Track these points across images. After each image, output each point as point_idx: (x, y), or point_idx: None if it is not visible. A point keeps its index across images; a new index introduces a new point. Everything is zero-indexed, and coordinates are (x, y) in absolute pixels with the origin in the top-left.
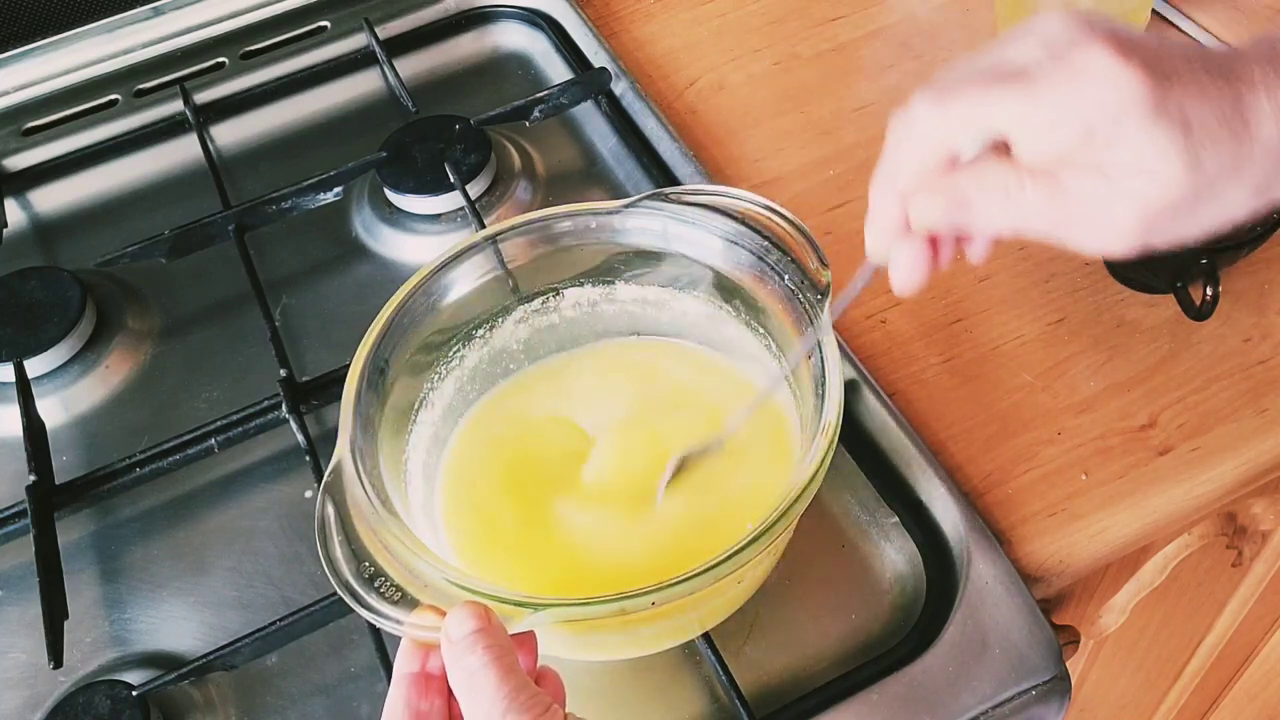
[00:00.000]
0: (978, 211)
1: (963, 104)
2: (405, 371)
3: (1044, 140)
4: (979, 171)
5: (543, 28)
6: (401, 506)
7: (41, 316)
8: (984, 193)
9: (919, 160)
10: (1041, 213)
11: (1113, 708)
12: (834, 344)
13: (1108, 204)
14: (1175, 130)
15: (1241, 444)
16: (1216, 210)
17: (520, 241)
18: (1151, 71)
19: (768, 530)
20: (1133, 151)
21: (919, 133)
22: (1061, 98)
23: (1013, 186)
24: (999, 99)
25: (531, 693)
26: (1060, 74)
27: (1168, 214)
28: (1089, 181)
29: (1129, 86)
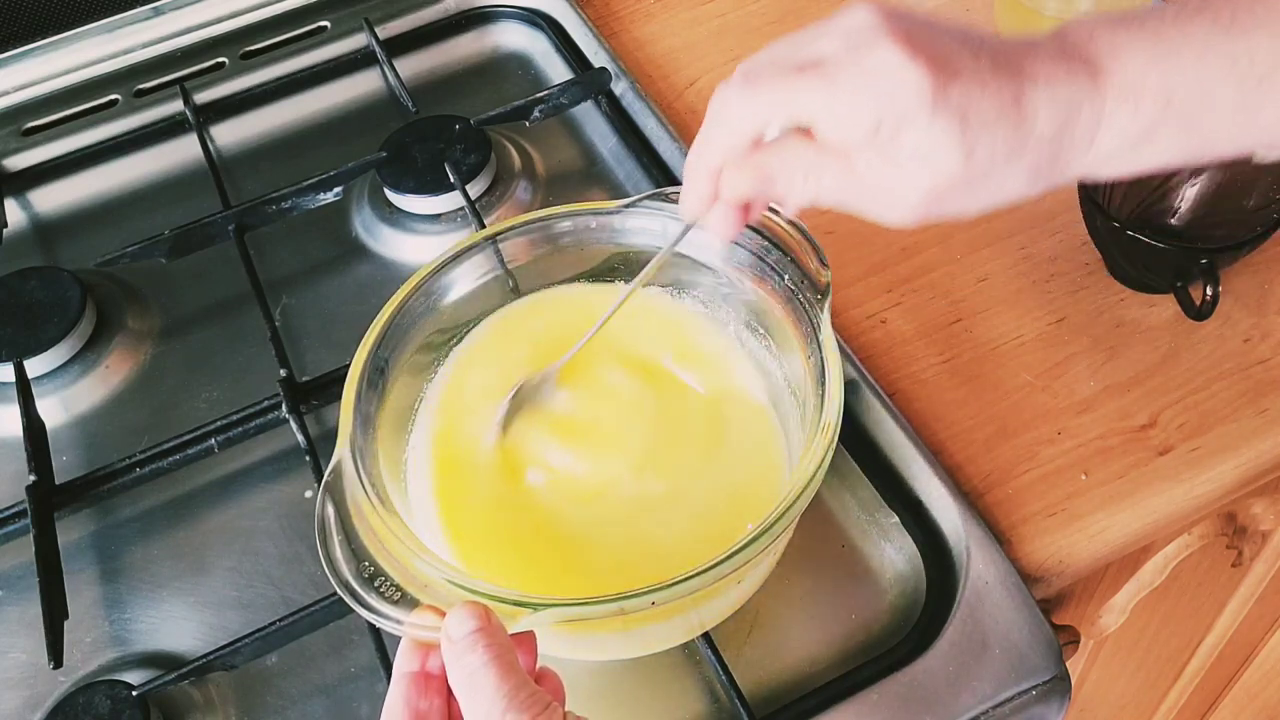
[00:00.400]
0: (780, 187)
1: (768, 92)
2: (405, 371)
3: (839, 129)
4: (782, 151)
5: (543, 28)
6: (401, 506)
7: (41, 316)
8: (786, 171)
9: (729, 140)
10: (837, 189)
11: (1113, 708)
12: (834, 345)
13: (894, 185)
14: (953, 123)
15: (1241, 444)
16: (993, 191)
17: (520, 241)
18: (936, 69)
19: (767, 530)
20: (915, 142)
21: (730, 115)
22: (854, 92)
23: (811, 166)
24: (801, 90)
25: (530, 691)
26: (854, 70)
27: (946, 194)
28: (878, 165)
29: (913, 83)
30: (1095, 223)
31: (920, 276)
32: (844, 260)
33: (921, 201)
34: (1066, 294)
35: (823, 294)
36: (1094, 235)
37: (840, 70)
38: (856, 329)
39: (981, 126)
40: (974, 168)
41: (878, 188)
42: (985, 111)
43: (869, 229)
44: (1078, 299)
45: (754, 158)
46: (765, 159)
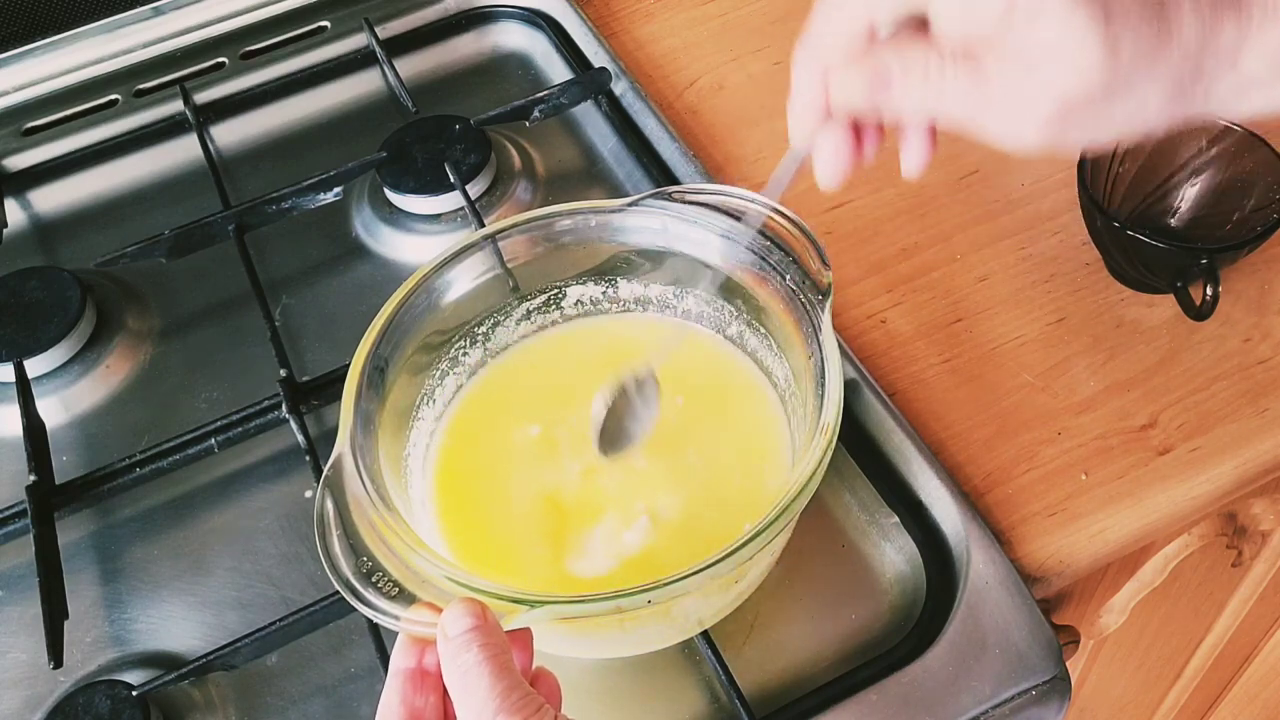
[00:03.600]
0: (896, 91)
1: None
2: (406, 370)
3: (965, 16)
4: (900, 50)
5: (543, 28)
6: (402, 503)
7: (41, 316)
8: (905, 72)
9: (841, 34)
10: (960, 96)
11: (1113, 708)
12: (834, 345)
13: (1024, 91)
14: (1096, 15)
15: (1241, 444)
16: (1131, 109)
17: (520, 240)
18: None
19: (765, 529)
20: (1052, 33)
21: (842, 6)
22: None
23: (933, 67)
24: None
25: (524, 693)
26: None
27: (1084, 104)
28: (1008, 66)
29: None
30: (1095, 223)
31: (920, 276)
32: (844, 260)
33: (1055, 113)
34: (1066, 294)
35: (824, 294)
36: (1094, 235)
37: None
38: (856, 329)
39: (1125, 20)
40: (1116, 70)
41: (1006, 96)
42: (1129, 8)
43: (869, 229)
44: (1078, 299)
45: (868, 56)
46: (882, 58)
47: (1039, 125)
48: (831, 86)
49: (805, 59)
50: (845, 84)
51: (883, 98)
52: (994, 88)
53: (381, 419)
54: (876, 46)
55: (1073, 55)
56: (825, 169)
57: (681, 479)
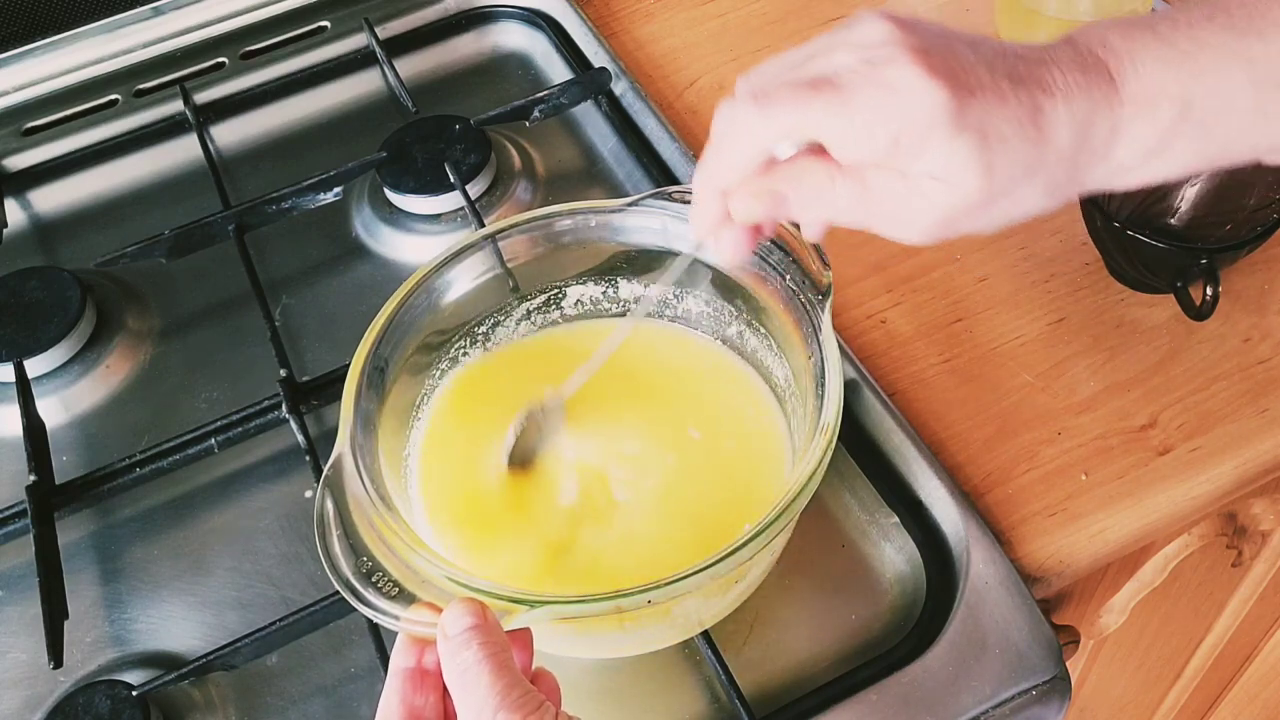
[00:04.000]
0: (793, 208)
1: (781, 111)
2: (406, 370)
3: (855, 149)
4: (795, 172)
5: (543, 28)
6: (401, 503)
7: (41, 316)
8: (799, 193)
9: (739, 160)
10: (850, 209)
11: (1113, 708)
12: (834, 345)
13: (909, 204)
14: (973, 142)
15: (1241, 444)
16: (1009, 209)
17: (520, 240)
18: (955, 86)
19: (765, 529)
20: (934, 161)
21: (741, 136)
22: (872, 111)
23: (824, 187)
24: (815, 108)
25: (524, 691)
26: (870, 87)
27: (963, 214)
28: (893, 183)
29: (933, 102)
30: (1095, 223)
31: (920, 276)
32: (844, 260)
33: (939, 221)
34: (1066, 294)
35: (824, 294)
36: (1094, 235)
37: (856, 87)
38: (856, 329)
39: (1001, 144)
40: (994, 186)
41: (894, 207)
42: (1005, 128)
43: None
44: (1078, 299)
45: (766, 179)
46: (777, 180)
47: (925, 229)
48: (732, 207)
49: (704, 183)
50: (746, 205)
51: (780, 215)
52: (882, 202)
53: (381, 419)
54: (772, 170)
55: (952, 179)
56: (727, 256)
57: (682, 479)
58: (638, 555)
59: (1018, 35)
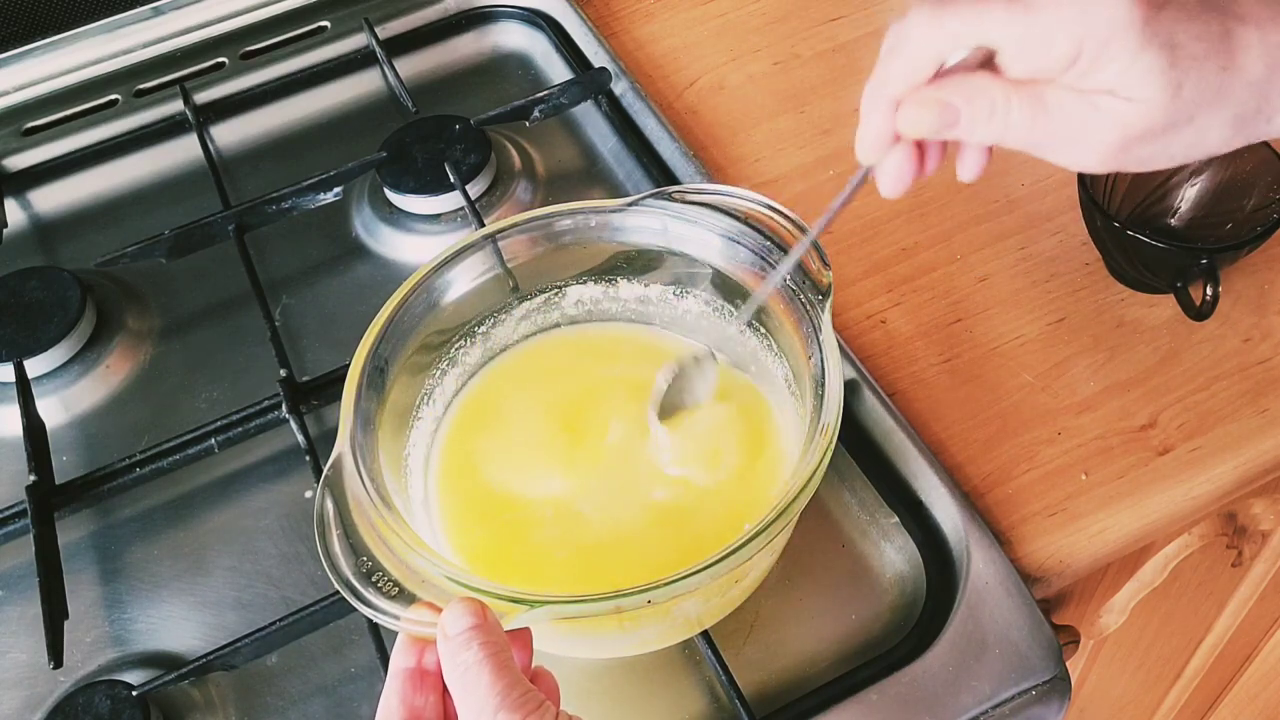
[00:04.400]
0: (963, 126)
1: (957, 19)
2: (406, 370)
3: (1034, 58)
4: (967, 86)
5: (543, 28)
6: (401, 503)
7: (41, 316)
8: (971, 108)
9: (910, 71)
10: (1024, 129)
11: (1113, 708)
12: (834, 345)
13: (1088, 124)
14: (1161, 55)
15: (1241, 444)
16: (1193, 139)
17: (520, 240)
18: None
19: (765, 529)
20: (1118, 74)
21: (913, 44)
22: (1054, 17)
23: (999, 103)
24: (993, 16)
25: (524, 690)
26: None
27: (1145, 138)
28: (1072, 101)
29: (1120, 9)
30: (1095, 223)
31: (920, 276)
32: (844, 260)
33: (1116, 145)
34: (1066, 294)
35: (824, 294)
36: (1094, 235)
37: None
38: (856, 329)
39: (1190, 61)
40: (1179, 109)
41: (1069, 128)
42: (1194, 45)
43: (869, 229)
44: (1078, 299)
45: (936, 89)
46: (949, 91)
47: (1100, 155)
48: (900, 118)
49: (874, 90)
50: (914, 118)
51: (949, 131)
52: (1057, 121)
53: (381, 419)
54: (942, 79)
55: (1137, 94)
56: (888, 182)
57: (681, 479)
58: (638, 555)
59: None
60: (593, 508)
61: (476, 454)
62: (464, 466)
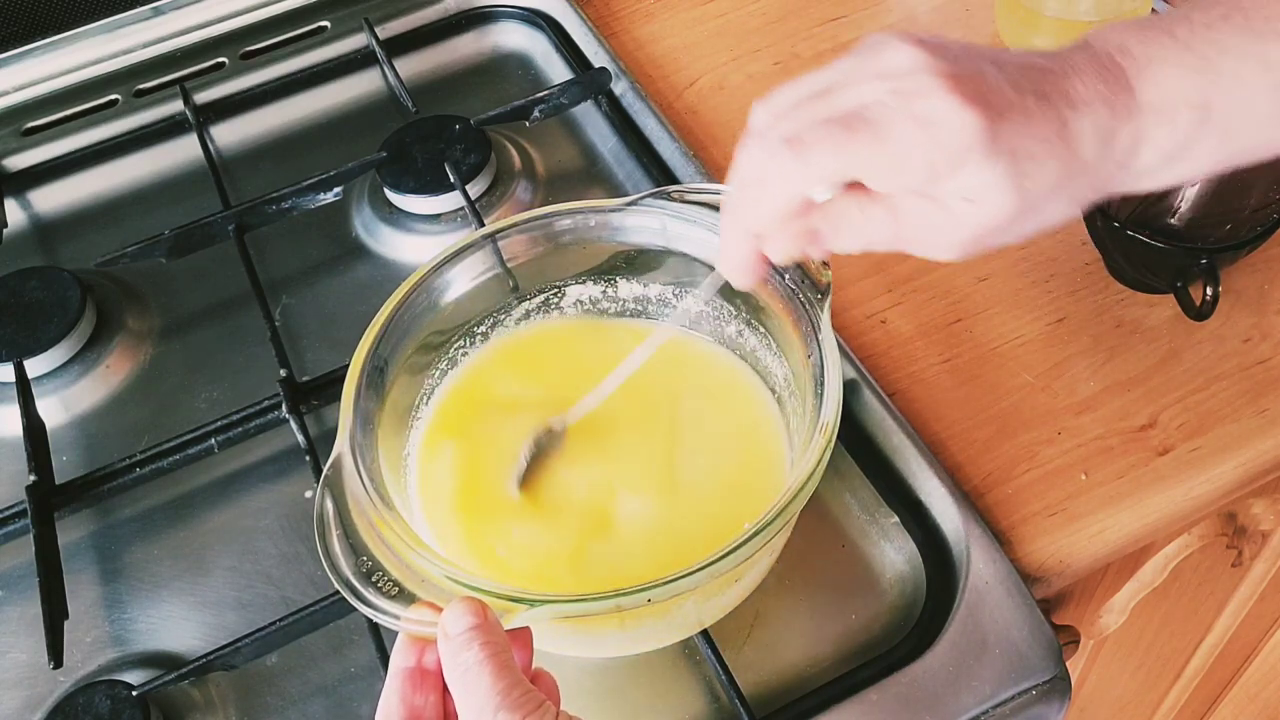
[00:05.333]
0: (827, 244)
1: (821, 157)
2: (405, 370)
3: (892, 181)
4: (828, 212)
5: (543, 28)
6: (401, 503)
7: (41, 316)
8: (833, 227)
9: (780, 209)
10: (883, 236)
11: (1113, 708)
12: (833, 344)
13: (942, 225)
14: (1005, 164)
15: (1241, 444)
16: (1037, 221)
17: (520, 239)
18: (987, 110)
19: (765, 528)
20: (967, 184)
21: (777, 183)
22: (909, 145)
23: (856, 218)
24: (855, 153)
25: (524, 690)
26: (907, 122)
27: (994, 231)
28: (924, 207)
29: (968, 129)
30: (1095, 223)
31: (920, 276)
32: (844, 260)
33: (970, 239)
34: (1066, 294)
35: (823, 293)
36: (1094, 235)
37: (891, 122)
38: (856, 329)
39: (1031, 162)
40: (1024, 203)
41: (925, 230)
42: (1034, 147)
43: None
44: (1078, 299)
45: (802, 222)
46: (813, 222)
47: (957, 249)
48: (768, 249)
49: (737, 227)
50: (782, 248)
51: (814, 251)
52: (915, 226)
53: (381, 419)
54: (807, 213)
55: (985, 200)
56: (750, 283)
57: (681, 478)
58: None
59: (1018, 36)
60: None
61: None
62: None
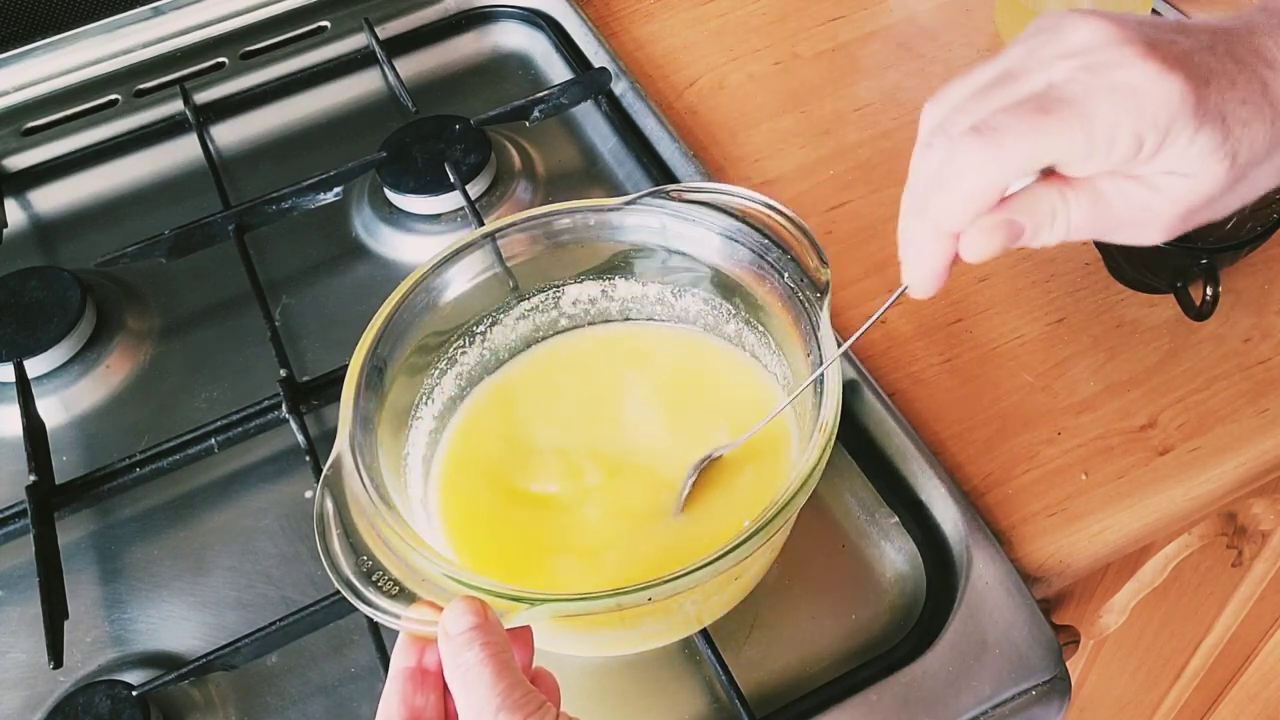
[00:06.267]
0: (1028, 237)
1: (1017, 144)
2: (404, 370)
3: (1097, 162)
4: (1029, 202)
5: (543, 28)
6: (400, 502)
7: (41, 316)
8: (1034, 220)
9: (977, 203)
10: (1087, 224)
11: (1113, 708)
12: (833, 343)
13: (1150, 205)
14: (1216, 131)
15: (1241, 444)
16: (1246, 192)
17: (519, 238)
18: (1191, 77)
19: (764, 527)
20: (1178, 158)
21: (972, 176)
22: (1113, 121)
23: (1059, 208)
24: (1053, 134)
25: (525, 690)
26: (1106, 94)
27: (1205, 206)
28: (1131, 188)
29: (1175, 98)
30: None
31: None
32: (844, 260)
33: (1179, 217)
34: (1066, 294)
35: (822, 292)
36: None
37: (1091, 98)
38: (857, 329)
39: (1242, 128)
40: (1235, 174)
41: (1131, 212)
42: (1242, 111)
43: (868, 229)
44: (1078, 299)
45: (1000, 215)
46: (1013, 214)
47: (1165, 229)
48: (966, 248)
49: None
50: (982, 245)
51: (1015, 245)
52: (1119, 209)
53: (381, 418)
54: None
55: (1197, 172)
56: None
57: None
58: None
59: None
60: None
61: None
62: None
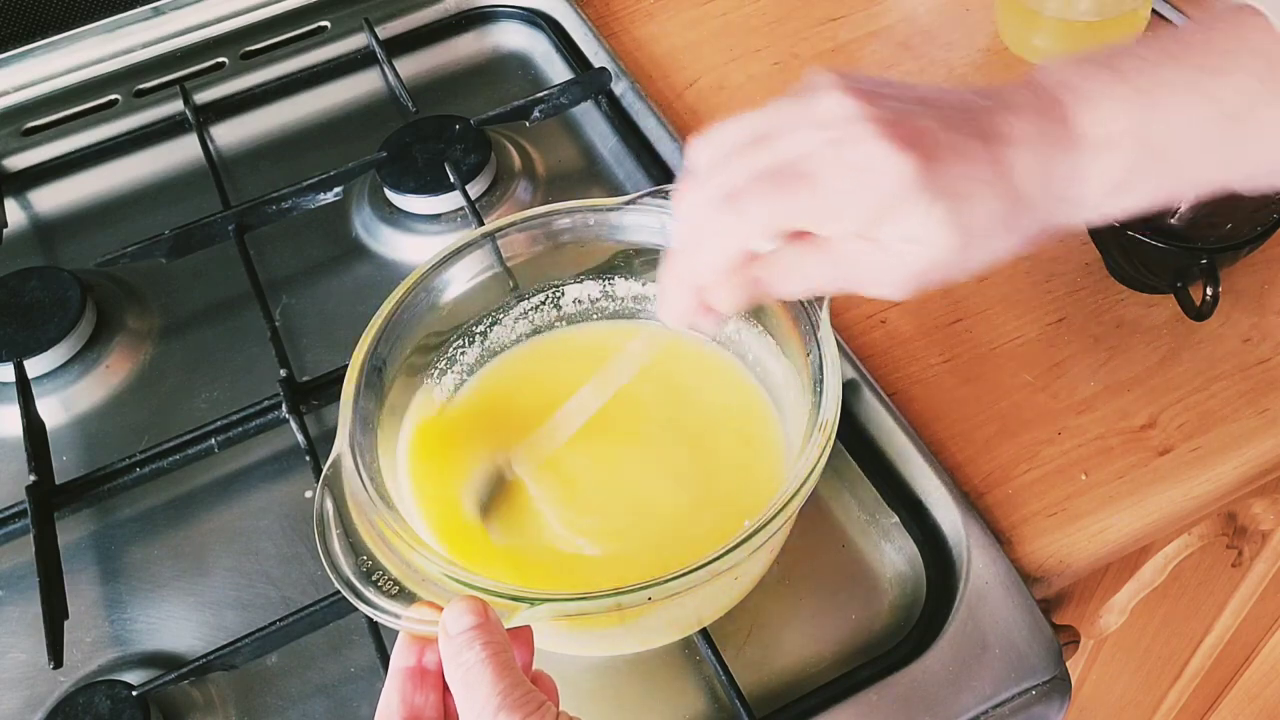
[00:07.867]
0: (770, 290)
1: (758, 212)
2: (403, 370)
3: (831, 229)
4: (771, 261)
5: (543, 28)
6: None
7: (41, 316)
8: (775, 275)
9: (721, 263)
10: (827, 280)
11: (1113, 708)
12: (833, 343)
13: (885, 266)
14: (945, 205)
15: (1241, 444)
16: (981, 257)
17: (519, 238)
18: (922, 153)
19: (764, 526)
20: (908, 227)
21: (717, 239)
22: (845, 193)
23: (798, 265)
24: (789, 203)
25: (525, 690)
26: (842, 170)
27: (938, 269)
28: (866, 250)
29: (903, 173)
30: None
31: None
32: None
33: (914, 277)
34: (1066, 294)
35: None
36: (1094, 235)
37: (826, 173)
38: (856, 329)
39: (970, 201)
40: (966, 242)
41: (869, 271)
42: (973, 186)
43: None
44: (1078, 299)
45: (744, 273)
46: (756, 271)
47: (900, 288)
48: (713, 300)
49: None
50: (728, 298)
51: (758, 298)
52: (857, 267)
53: (380, 418)
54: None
55: (928, 242)
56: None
57: (680, 477)
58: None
59: (1018, 36)
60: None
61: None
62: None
